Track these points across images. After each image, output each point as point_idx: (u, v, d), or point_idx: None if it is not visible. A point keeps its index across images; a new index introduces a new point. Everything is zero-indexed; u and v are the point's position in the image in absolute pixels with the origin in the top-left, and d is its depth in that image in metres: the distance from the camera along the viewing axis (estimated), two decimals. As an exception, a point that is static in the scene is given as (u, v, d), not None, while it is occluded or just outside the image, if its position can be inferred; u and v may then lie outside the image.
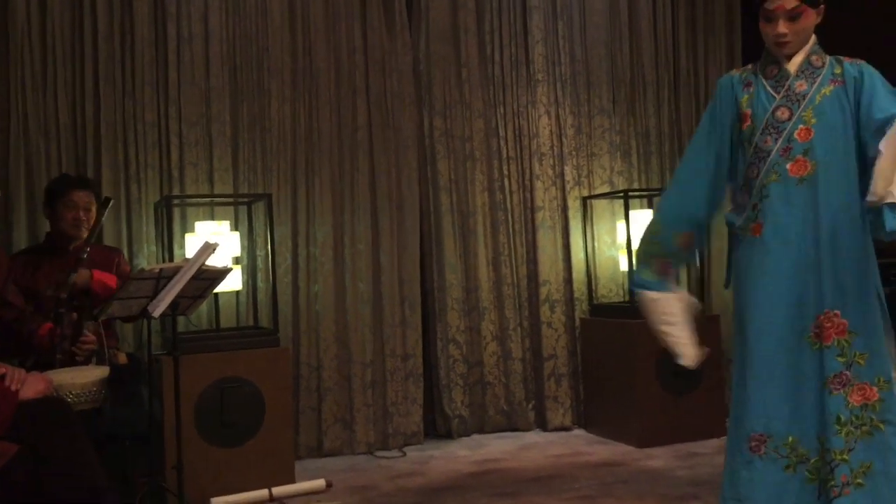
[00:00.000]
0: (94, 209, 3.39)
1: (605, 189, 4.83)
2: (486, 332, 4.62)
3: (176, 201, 3.94)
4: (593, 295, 4.74)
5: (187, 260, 3.08)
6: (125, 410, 3.03)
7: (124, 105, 4.02)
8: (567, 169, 4.78)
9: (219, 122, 4.18)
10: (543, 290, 4.68)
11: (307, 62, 4.38)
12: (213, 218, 4.08)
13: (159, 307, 2.92)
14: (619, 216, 4.69)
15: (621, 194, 4.57)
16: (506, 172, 4.71)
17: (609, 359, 4.40)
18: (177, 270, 2.96)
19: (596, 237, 4.80)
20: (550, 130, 4.79)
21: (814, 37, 2.46)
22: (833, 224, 2.34)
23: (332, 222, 4.35)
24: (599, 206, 4.82)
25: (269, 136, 4.27)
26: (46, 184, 3.57)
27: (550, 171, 4.77)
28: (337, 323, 4.31)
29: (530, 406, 4.66)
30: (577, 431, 4.60)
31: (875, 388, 2.33)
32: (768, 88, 2.43)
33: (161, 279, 2.94)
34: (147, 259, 3.97)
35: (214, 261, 3.24)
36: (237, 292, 4.08)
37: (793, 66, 2.43)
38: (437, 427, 4.56)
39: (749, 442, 2.39)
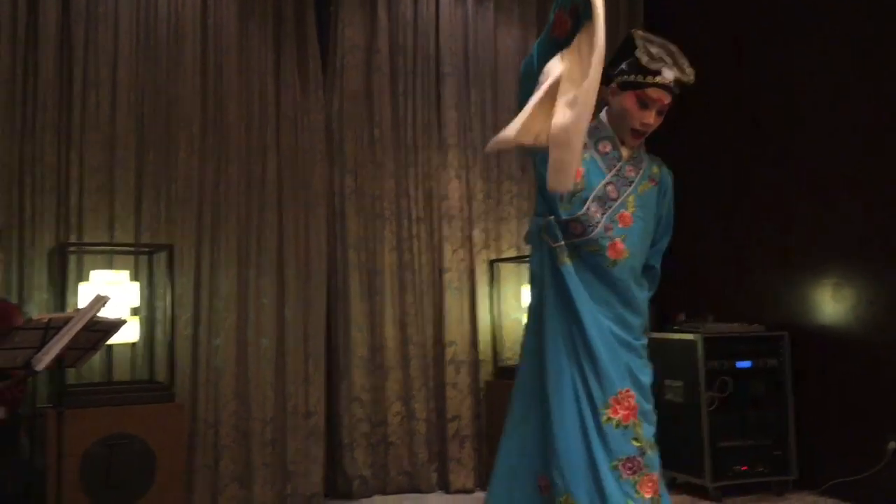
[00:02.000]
0: None
1: (513, 253, 4.91)
2: (391, 391, 4.57)
3: (72, 248, 3.79)
4: (498, 357, 4.77)
5: (78, 310, 2.95)
6: (1, 468, 2.84)
7: (22, 146, 3.89)
8: (475, 232, 4.84)
9: (122, 169, 4.08)
10: (449, 351, 4.68)
11: (218, 114, 4.34)
12: (111, 267, 3.94)
13: (44, 360, 2.77)
14: (524, 280, 4.77)
15: (528, 259, 4.65)
16: (415, 233, 4.74)
17: (512, 422, 4.39)
18: (67, 321, 2.84)
19: (502, 300, 4.85)
20: (460, 194, 4.86)
21: None
22: (623, 310, 2.32)
23: (236, 275, 4.27)
24: (506, 269, 4.89)
25: (174, 185, 4.19)
26: None
27: (459, 234, 4.82)
28: (237, 378, 4.19)
29: (433, 467, 4.61)
30: (479, 494, 4.56)
31: (661, 482, 2.26)
32: (599, 163, 2.35)
33: (49, 329, 2.80)
34: (38, 307, 3.79)
35: (110, 312, 3.12)
36: (133, 344, 3.93)
37: (625, 151, 2.38)
38: (337, 487, 4.44)
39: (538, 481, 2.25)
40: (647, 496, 2.19)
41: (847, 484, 4.15)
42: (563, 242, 2.30)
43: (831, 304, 4.40)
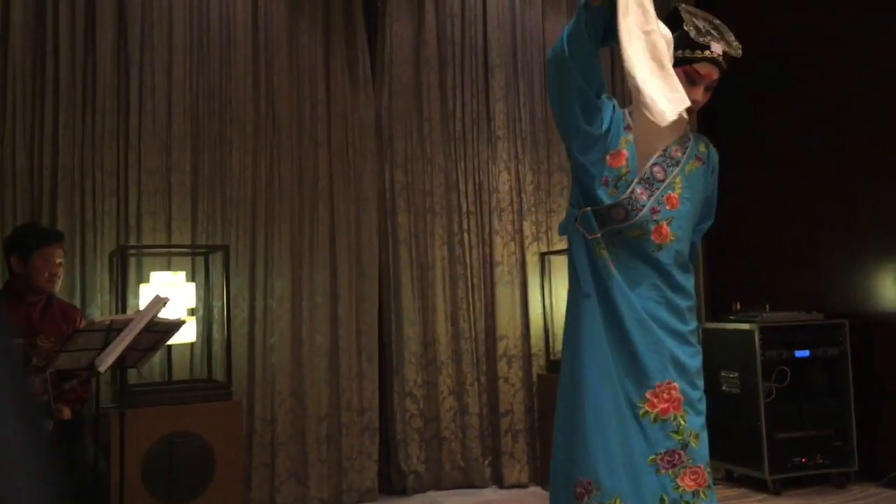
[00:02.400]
0: (63, 262, 3.38)
1: (563, 245, 4.84)
2: (444, 386, 4.60)
3: (132, 251, 3.90)
4: (550, 350, 4.76)
5: (139, 312, 3.04)
6: (66, 468, 2.95)
7: (83, 152, 3.99)
8: (526, 224, 4.83)
9: (178, 172, 4.17)
10: (501, 345, 4.69)
11: (269, 113, 4.40)
12: (169, 268, 4.04)
13: (106, 361, 2.87)
14: (576, 272, 4.73)
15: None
16: (465, 227, 4.75)
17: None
18: (128, 323, 2.92)
19: (553, 293, 4.83)
20: (510, 186, 4.85)
21: None
22: (673, 297, 2.23)
23: (290, 274, 4.33)
24: (557, 261, 4.87)
25: (229, 186, 4.26)
26: (14, 230, 3.51)
27: (509, 227, 4.81)
28: (293, 376, 4.26)
29: (486, 462, 4.63)
30: (533, 488, 4.57)
31: (707, 474, 2.17)
32: None
33: (111, 331, 2.89)
34: (100, 309, 3.91)
35: (168, 312, 3.21)
36: (191, 344, 4.03)
37: None
38: (392, 483, 4.50)
39: (574, 488, 2.15)
40: (690, 489, 2.13)
41: (911, 477, 4.05)
42: (599, 234, 2.21)
43: (894, 290, 4.27)
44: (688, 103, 2.04)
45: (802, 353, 4.35)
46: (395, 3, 4.72)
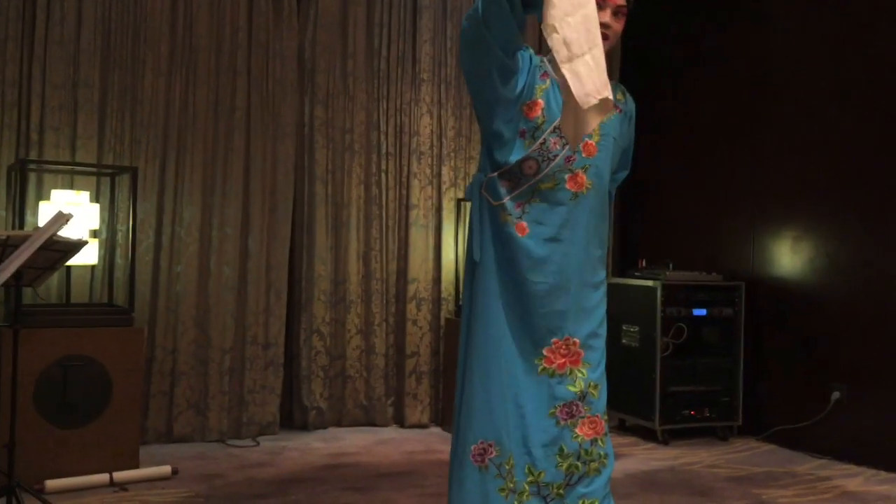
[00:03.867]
0: None
1: (480, 193, 4.90)
2: (352, 325, 4.60)
3: (32, 166, 3.72)
4: (460, 295, 4.80)
5: (38, 228, 2.92)
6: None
7: (-18, 59, 3.77)
8: (444, 169, 4.83)
9: (86, 88, 3.99)
10: (412, 288, 4.71)
11: (187, 36, 4.23)
12: (72, 187, 3.88)
13: (2, 276, 2.75)
14: (491, 220, 4.77)
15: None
16: (384, 168, 4.71)
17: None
18: (25, 239, 2.80)
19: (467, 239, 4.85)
20: (431, 130, 4.82)
21: None
22: (588, 245, 2.24)
23: (200, 203, 4.23)
24: (473, 209, 4.89)
25: (140, 107, 4.11)
26: None
27: (428, 171, 4.80)
28: (197, 306, 4.19)
29: (389, 402, 4.68)
30: (434, 429, 4.65)
31: (604, 423, 2.23)
32: (561, 90, 2.15)
33: (7, 247, 2.77)
34: (-5, 225, 3.74)
35: (70, 232, 3.09)
36: (92, 267, 3.90)
37: None
38: (293, 418, 4.51)
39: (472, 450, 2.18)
40: (588, 437, 2.20)
41: (789, 431, 4.30)
42: (504, 200, 2.19)
43: (790, 255, 4.48)
44: (610, 94, 1.94)
45: (700, 312, 4.52)
46: (325, -67, 4.58)
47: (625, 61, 5.30)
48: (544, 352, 2.20)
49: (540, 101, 2.19)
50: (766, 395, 4.52)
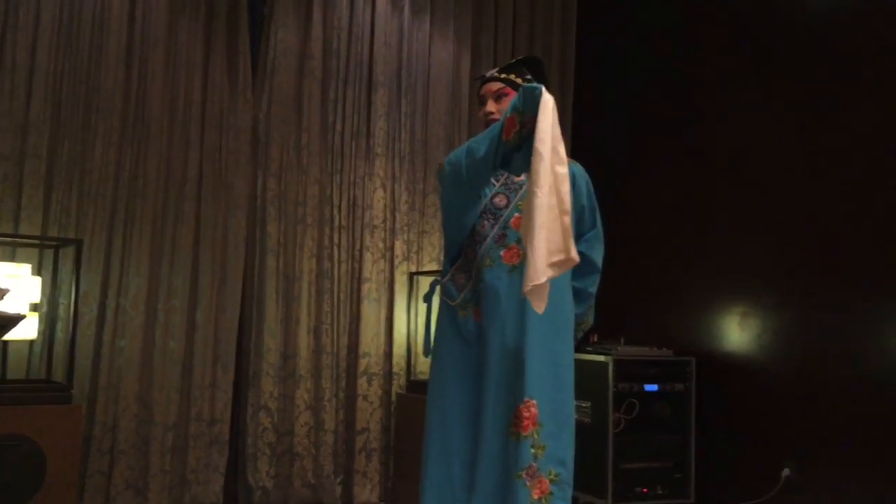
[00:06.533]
0: None
1: (434, 266, 4.91)
2: (301, 400, 4.50)
3: (-27, 238, 3.64)
4: (412, 370, 4.76)
5: (-27, 303, 2.82)
6: None
7: (-74, 128, 3.71)
8: (397, 243, 4.83)
9: (34, 158, 3.93)
10: (363, 363, 4.65)
11: (140, 108, 4.22)
12: (13, 259, 3.79)
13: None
14: (443, 294, 4.77)
15: (447, 273, 4.66)
16: (336, 241, 4.69)
17: (421, 436, 4.38)
18: (-42, 314, 2.71)
19: (420, 313, 4.84)
20: (385, 204, 4.84)
21: None
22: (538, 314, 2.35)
23: (147, 274, 4.15)
24: (426, 282, 4.89)
25: (88, 178, 4.05)
26: None
27: (381, 244, 4.80)
28: (141, 381, 4.07)
29: (338, 480, 4.56)
30: (383, 508, 4.54)
31: (547, 481, 2.32)
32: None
33: (-62, 322, 2.67)
34: (-70, 297, 3.61)
35: (8, 305, 3.00)
36: (31, 342, 3.78)
37: None
38: (237, 499, 4.36)
39: None
40: (536, 497, 2.26)
41: (741, 510, 4.28)
42: (459, 300, 2.41)
43: (738, 332, 4.53)
44: (545, 278, 2.08)
45: (651, 387, 4.53)
46: (281, 11, 4.65)
47: (575, 139, 5.42)
48: (511, 417, 2.31)
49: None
50: (718, 471, 4.50)
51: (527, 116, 2.12)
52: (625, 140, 5.37)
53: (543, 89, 2.12)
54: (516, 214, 2.41)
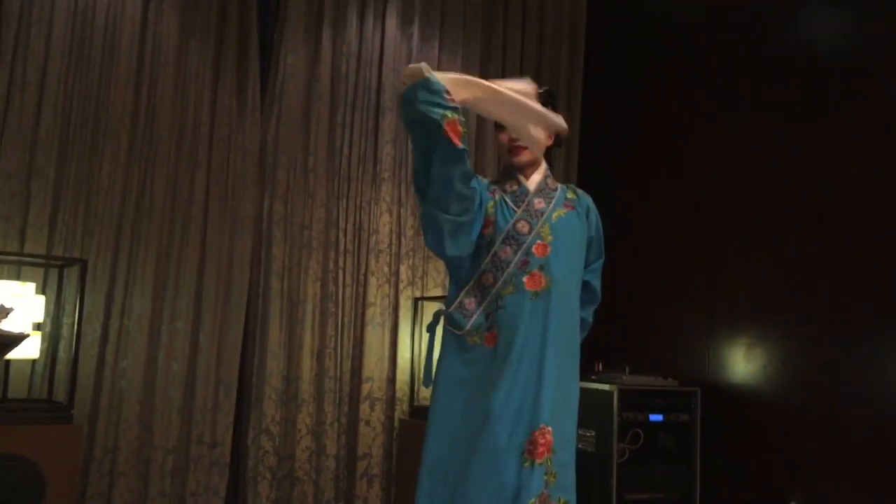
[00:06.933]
0: None
1: (438, 292, 4.89)
2: (302, 424, 4.47)
3: (-22, 256, 3.63)
4: (415, 396, 4.72)
5: (-23, 321, 2.81)
6: None
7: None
8: (403, 268, 4.82)
9: (41, 177, 3.94)
10: (366, 387, 4.62)
11: (148, 128, 4.24)
12: (18, 278, 3.78)
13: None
14: (448, 320, 4.74)
15: (452, 299, 4.64)
16: (341, 265, 4.69)
17: (423, 463, 4.35)
18: (-38, 332, 2.70)
19: (424, 339, 4.82)
20: (390, 228, 4.83)
21: (545, 163, 2.57)
22: (558, 339, 2.36)
23: (151, 295, 4.14)
24: (431, 307, 4.87)
25: (95, 198, 4.06)
26: None
27: (386, 269, 4.79)
28: (142, 403, 4.05)
29: (338, 506, 4.53)
30: (384, 536, 4.49)
31: None
32: (508, 202, 2.44)
33: (-59, 340, 2.66)
34: (-66, 314, 3.60)
35: (11, 325, 2.99)
36: (33, 361, 3.76)
37: (532, 184, 2.49)
38: (237, 522, 4.32)
39: None
40: None
41: (746, 543, 4.22)
42: (468, 327, 2.37)
43: (743, 363, 4.49)
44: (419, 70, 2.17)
45: (656, 417, 4.48)
46: (291, 34, 4.68)
47: (581, 164, 5.42)
48: (526, 444, 2.28)
49: (491, 217, 2.42)
50: (723, 503, 4.45)
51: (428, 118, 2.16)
52: (630, 161, 5.36)
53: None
54: (538, 242, 2.40)
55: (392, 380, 4.71)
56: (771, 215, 4.44)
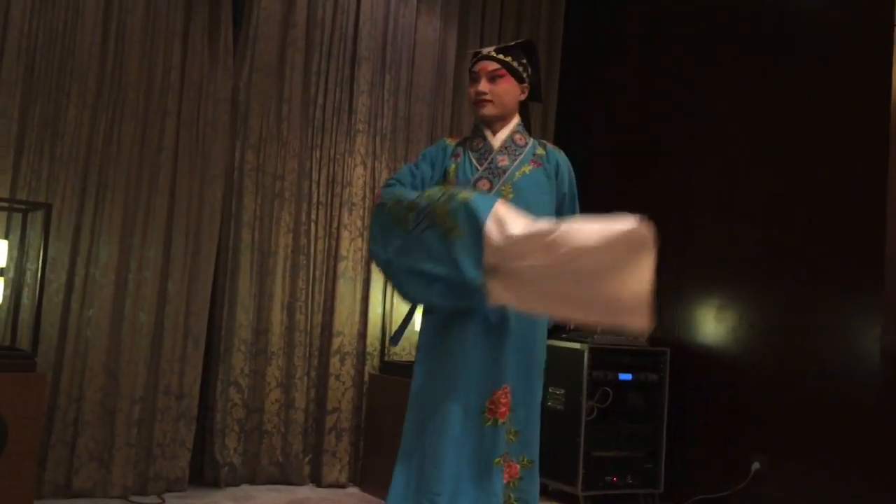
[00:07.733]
0: None
1: (411, 247, 4.84)
2: (272, 378, 4.44)
3: (-63, 198, 3.52)
4: (386, 351, 4.71)
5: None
6: None
7: None
8: (376, 222, 4.75)
9: (4, 119, 3.80)
10: (336, 341, 4.59)
11: (116, 72, 4.10)
12: (-20, 222, 3.68)
13: None
14: (420, 275, 4.71)
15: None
16: (313, 217, 4.61)
17: (393, 417, 4.33)
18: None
19: (395, 294, 4.78)
20: (364, 181, 4.76)
21: (518, 117, 2.57)
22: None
23: (119, 243, 4.05)
24: (403, 262, 4.82)
25: (60, 142, 3.93)
26: None
27: (359, 223, 4.72)
28: (108, 352, 3.98)
29: (307, 459, 4.51)
30: (352, 489, 4.50)
31: (518, 467, 2.39)
32: (473, 160, 2.48)
33: None
34: None
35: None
36: (-4, 307, 3.68)
37: (497, 140, 2.50)
38: (203, 475, 4.29)
39: None
40: (505, 482, 2.33)
41: (709, 501, 4.29)
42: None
43: (714, 324, 4.53)
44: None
45: (626, 377, 4.52)
46: (266, -23, 4.53)
47: (558, 132, 5.37)
48: (487, 404, 2.33)
49: (452, 179, 2.46)
50: (688, 463, 4.51)
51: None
52: (606, 127, 5.32)
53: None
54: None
55: (363, 334, 4.67)
56: (743, 179, 4.44)
